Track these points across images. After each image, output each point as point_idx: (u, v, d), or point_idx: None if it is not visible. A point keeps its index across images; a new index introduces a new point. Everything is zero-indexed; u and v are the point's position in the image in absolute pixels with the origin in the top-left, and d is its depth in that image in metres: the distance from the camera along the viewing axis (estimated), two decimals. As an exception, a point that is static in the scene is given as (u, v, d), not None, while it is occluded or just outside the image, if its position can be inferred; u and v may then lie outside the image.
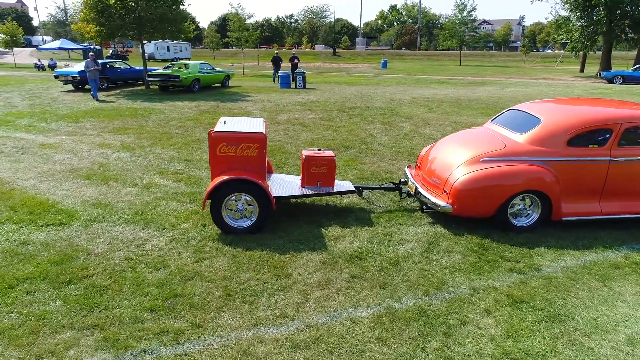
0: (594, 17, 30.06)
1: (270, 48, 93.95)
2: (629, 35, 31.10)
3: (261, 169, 4.99)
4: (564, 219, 5.18)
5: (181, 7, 19.65)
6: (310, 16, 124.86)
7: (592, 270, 4.35)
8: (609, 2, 28.65)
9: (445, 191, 5.25)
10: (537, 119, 5.41)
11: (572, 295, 3.93)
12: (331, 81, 26.29)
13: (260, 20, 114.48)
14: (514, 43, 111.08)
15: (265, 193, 4.83)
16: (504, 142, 5.37)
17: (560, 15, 34.08)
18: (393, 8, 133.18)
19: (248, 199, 4.90)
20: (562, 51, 37.92)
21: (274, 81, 24.52)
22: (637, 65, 29.53)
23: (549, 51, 79.15)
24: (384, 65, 42.99)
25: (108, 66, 20.40)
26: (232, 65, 42.33)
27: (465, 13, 50.02)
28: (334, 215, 5.58)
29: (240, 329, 3.35)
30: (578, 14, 31.54)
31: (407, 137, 10.17)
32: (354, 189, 5.70)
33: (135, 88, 20.36)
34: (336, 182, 5.83)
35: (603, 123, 5.11)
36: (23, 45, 54.40)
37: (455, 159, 5.43)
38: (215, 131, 4.91)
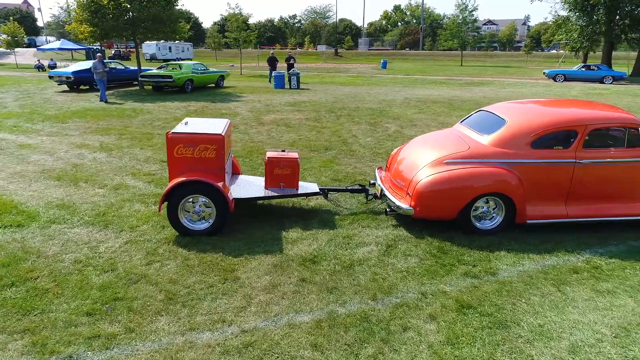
0: (593, 17, 29.78)
1: (273, 48, 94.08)
2: (629, 35, 30.79)
3: (220, 170, 4.94)
4: (529, 222, 5.09)
5: (175, 8, 19.65)
6: (313, 16, 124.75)
7: (549, 275, 4.26)
8: (608, 1, 28.39)
9: (408, 193, 5.18)
10: (503, 120, 5.33)
11: (524, 300, 3.85)
12: (328, 81, 26.22)
13: (263, 21, 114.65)
14: (518, 43, 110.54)
15: (223, 195, 4.78)
16: (469, 143, 5.29)
17: (559, 16, 33.84)
18: (397, 8, 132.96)
19: (205, 201, 4.85)
20: (563, 51, 37.59)
21: (269, 81, 24.47)
22: (581, 64, 29.92)
23: (554, 51, 78.65)
24: (384, 66, 42.86)
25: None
26: (232, 65, 42.34)
27: (466, 13, 49.78)
28: (297, 217, 5.51)
29: (174, 334, 3.29)
30: (577, 13, 31.28)
31: (390, 138, 10.09)
32: (319, 190, 5.64)
33: (130, 88, 20.39)
34: (301, 183, 5.77)
35: (568, 125, 5.02)
36: (25, 45, 54.73)
37: (420, 161, 5.36)
38: (173, 132, 4.86)
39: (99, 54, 16.72)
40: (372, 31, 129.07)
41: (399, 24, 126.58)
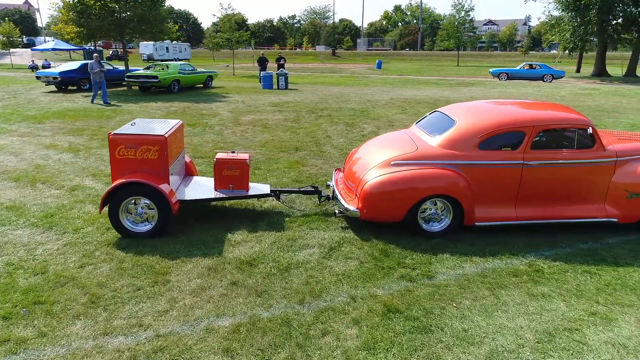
0: (585, 17, 29.67)
1: (271, 48, 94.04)
2: (622, 35, 30.66)
3: (163, 172, 4.89)
4: (478, 224, 5.03)
5: (163, 8, 19.62)
6: (312, 17, 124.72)
7: (487, 278, 4.20)
8: (600, 2, 28.27)
9: (357, 195, 5.13)
10: (453, 121, 5.27)
11: (454, 304, 3.79)
12: (319, 82, 26.17)
13: (262, 21, 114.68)
14: (519, 43, 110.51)
15: (164, 197, 4.73)
16: (417, 145, 5.23)
17: (552, 16, 33.74)
18: (397, 8, 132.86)
19: (148, 202, 4.80)
20: (559, 51, 37.49)
21: (259, 82, 24.41)
22: (524, 64, 30.43)
23: (555, 51, 78.54)
24: (379, 66, 42.78)
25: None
26: (227, 65, 42.29)
27: (463, 13, 49.67)
28: (246, 219, 5.46)
29: (86, 338, 3.24)
30: (570, 14, 31.16)
31: (363, 139, 10.02)
32: (270, 192, 5.58)
33: (118, 89, 20.36)
34: (253, 185, 5.72)
35: (515, 126, 4.96)
36: (20, 46, 54.80)
37: (369, 162, 5.30)
38: (114, 133, 4.82)
39: (95, 54, 16.33)
40: (373, 31, 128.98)
41: (400, 24, 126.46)
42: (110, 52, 60.05)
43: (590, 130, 4.97)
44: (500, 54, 74.77)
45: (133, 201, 4.81)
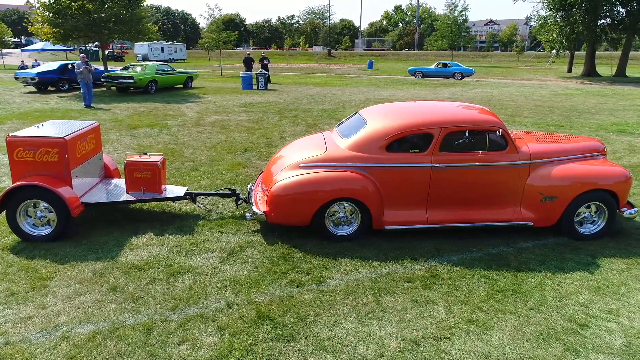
0: (571, 17, 29.49)
1: (269, 49, 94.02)
2: (610, 35, 30.47)
3: (64, 174, 4.81)
4: (387, 227, 4.93)
5: (141, 7, 19.55)
6: (311, 17, 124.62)
7: (377, 284, 4.10)
8: (586, 2, 28.08)
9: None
10: (364, 123, 5.17)
11: (331, 311, 3.69)
12: (303, 82, 26.09)
13: (260, 21, 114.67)
14: (512, 44, 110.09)
15: (62, 200, 4.65)
16: (327, 147, 5.14)
17: (540, 16, 33.58)
18: (398, 9, 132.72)
19: (47, 205, 4.72)
20: (547, 51, 37.33)
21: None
22: (438, 62, 31.62)
23: (554, 52, 78.16)
24: (370, 66, 42.67)
25: (70, 67, 20.37)
26: (219, 66, 42.24)
27: (456, 13, 49.46)
28: (159, 222, 5.38)
29: None
30: (559, 13, 30.98)
31: (318, 140, 9.93)
32: (185, 195, 5.50)
33: (96, 89, 20.26)
34: (169, 187, 5.64)
35: (422, 127, 4.85)
36: (12, 46, 54.93)
37: (281, 165, 5.22)
38: (12, 136, 4.74)
39: (82, 54, 15.92)
40: (373, 31, 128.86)
41: (400, 24, 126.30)
42: (107, 53, 60.14)
43: (500, 132, 4.87)
44: (496, 53, 74.55)
45: (33, 204, 4.74)
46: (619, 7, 28.59)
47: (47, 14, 17.76)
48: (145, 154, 5.48)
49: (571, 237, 5.07)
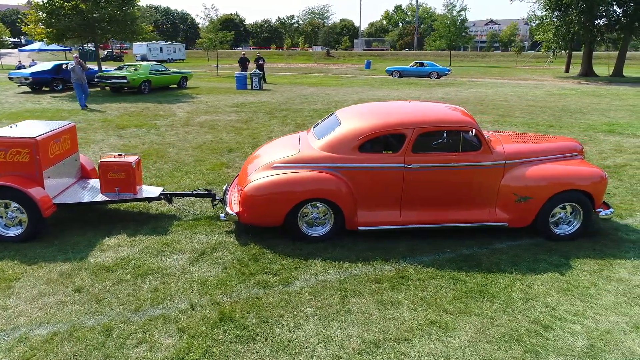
0: (567, 17, 29.43)
1: (268, 49, 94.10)
2: (606, 35, 30.41)
3: (35, 174, 4.80)
4: (360, 228, 4.91)
5: (135, 7, 19.54)
6: (311, 17, 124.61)
7: (345, 285, 4.08)
8: (582, 2, 28.03)
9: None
10: (338, 123, 5.16)
11: (295, 313, 3.67)
12: (299, 82, 26.08)
13: (260, 21, 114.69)
14: (511, 44, 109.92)
15: (33, 200, 4.64)
16: (301, 147, 5.12)
17: (536, 15, 33.53)
18: (398, 8, 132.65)
19: (18, 206, 4.71)
20: (543, 51, 37.27)
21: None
22: (414, 62, 32.16)
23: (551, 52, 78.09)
24: (368, 66, 42.64)
25: (64, 67, 20.37)
26: (216, 66, 42.25)
27: (455, 13, 49.38)
28: (134, 223, 5.36)
29: None
30: (556, 13, 30.92)
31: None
32: (161, 195, 5.48)
33: (90, 89, 20.26)
34: (145, 188, 5.62)
35: (394, 128, 4.83)
36: (11, 47, 55.00)
37: (255, 165, 5.20)
38: (-18, 136, 4.73)
39: (75, 55, 15.63)
40: (373, 31, 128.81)
41: (400, 24, 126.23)
42: (105, 53, 60.20)
43: (474, 132, 4.84)
44: (495, 53, 74.50)
45: (4, 205, 4.72)
46: (615, 7, 28.50)
47: (40, 14, 17.71)
48: (120, 155, 5.47)
49: (547, 237, 5.04)
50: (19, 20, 19.72)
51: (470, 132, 4.84)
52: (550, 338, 3.39)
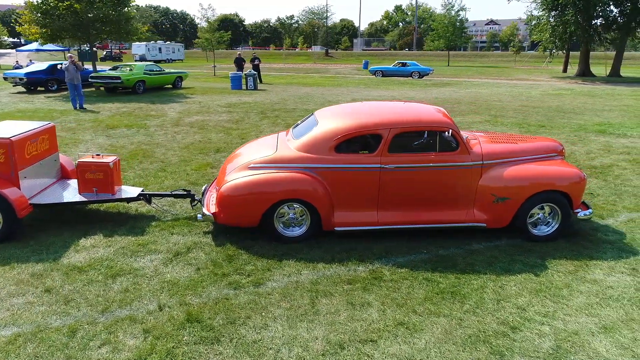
0: (563, 17, 29.39)
1: (267, 49, 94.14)
2: (603, 35, 30.37)
3: (10, 175, 4.79)
4: (337, 229, 4.90)
5: (129, 7, 19.53)
6: (311, 17, 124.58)
7: (317, 286, 4.06)
8: (578, 1, 27.98)
9: (218, 199, 5.00)
10: (316, 124, 5.14)
11: (263, 313, 3.66)
12: (295, 82, 26.06)
13: (259, 21, 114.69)
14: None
15: (7, 201, 4.63)
16: (278, 148, 5.11)
17: (533, 15, 33.48)
18: (398, 8, 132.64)
19: (-7, 206, 4.70)
20: (540, 51, 37.23)
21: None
22: (398, 61, 32.55)
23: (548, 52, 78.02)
24: (365, 66, 42.59)
25: (59, 67, 20.37)
26: (215, 66, 42.25)
27: (453, 13, 49.41)
28: (111, 223, 5.35)
29: None
30: (553, 13, 30.89)
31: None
32: (139, 195, 5.47)
33: (84, 90, 20.27)
34: (124, 188, 5.61)
35: (370, 128, 4.82)
36: (10, 47, 55.07)
37: (232, 166, 5.18)
38: (-43, 136, 4.72)
39: (69, 54, 15.50)
40: (373, 31, 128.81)
41: (400, 24, 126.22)
42: (104, 53, 60.21)
43: (450, 133, 4.83)
44: (494, 53, 74.42)
45: (-21, 205, 4.71)
46: (612, 7, 28.47)
47: (35, 14, 17.71)
48: (99, 155, 5.45)
49: (526, 238, 5.02)
50: (13, 20, 19.71)
51: (447, 132, 4.82)
52: (517, 339, 3.38)
